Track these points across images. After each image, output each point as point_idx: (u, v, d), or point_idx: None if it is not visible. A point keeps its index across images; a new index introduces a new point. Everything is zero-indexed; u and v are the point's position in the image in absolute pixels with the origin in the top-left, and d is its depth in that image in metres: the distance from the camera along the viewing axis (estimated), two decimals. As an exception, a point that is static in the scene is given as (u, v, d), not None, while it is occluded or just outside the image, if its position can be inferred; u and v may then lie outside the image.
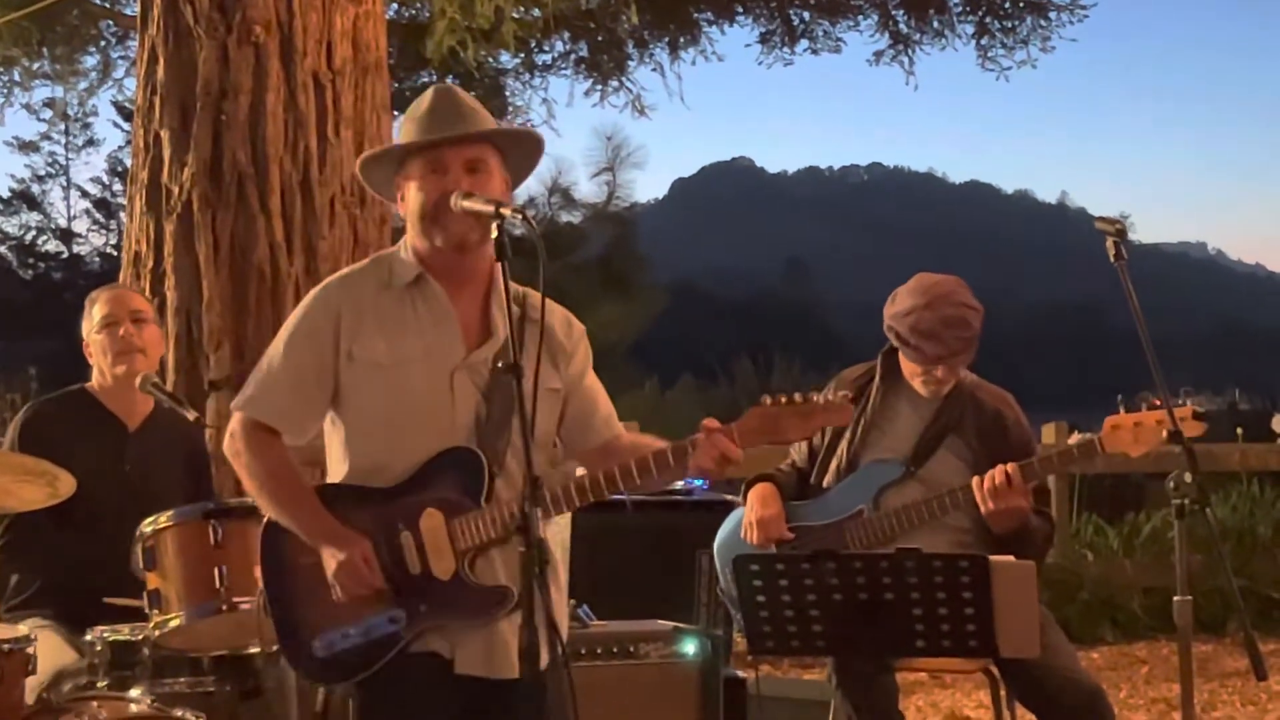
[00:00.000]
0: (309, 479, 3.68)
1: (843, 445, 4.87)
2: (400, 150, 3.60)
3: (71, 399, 5.08)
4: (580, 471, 3.66)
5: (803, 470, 5.00)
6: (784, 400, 3.47)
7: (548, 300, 3.65)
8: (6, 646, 3.96)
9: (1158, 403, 4.29)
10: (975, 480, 4.52)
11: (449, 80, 14.15)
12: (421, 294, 3.58)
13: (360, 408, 3.55)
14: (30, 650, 4.04)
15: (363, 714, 3.56)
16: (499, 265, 3.46)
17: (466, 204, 3.41)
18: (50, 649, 4.41)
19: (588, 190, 19.48)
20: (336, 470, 3.62)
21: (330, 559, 3.45)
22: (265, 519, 3.62)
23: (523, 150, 3.77)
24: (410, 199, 3.56)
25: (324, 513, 3.51)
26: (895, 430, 4.84)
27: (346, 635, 3.49)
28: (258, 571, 3.92)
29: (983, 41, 13.68)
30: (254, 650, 4.44)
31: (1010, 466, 4.49)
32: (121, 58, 13.22)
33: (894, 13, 13.90)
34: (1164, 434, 4.28)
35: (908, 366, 4.82)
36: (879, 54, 13.99)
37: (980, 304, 4.75)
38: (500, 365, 3.42)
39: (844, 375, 5.04)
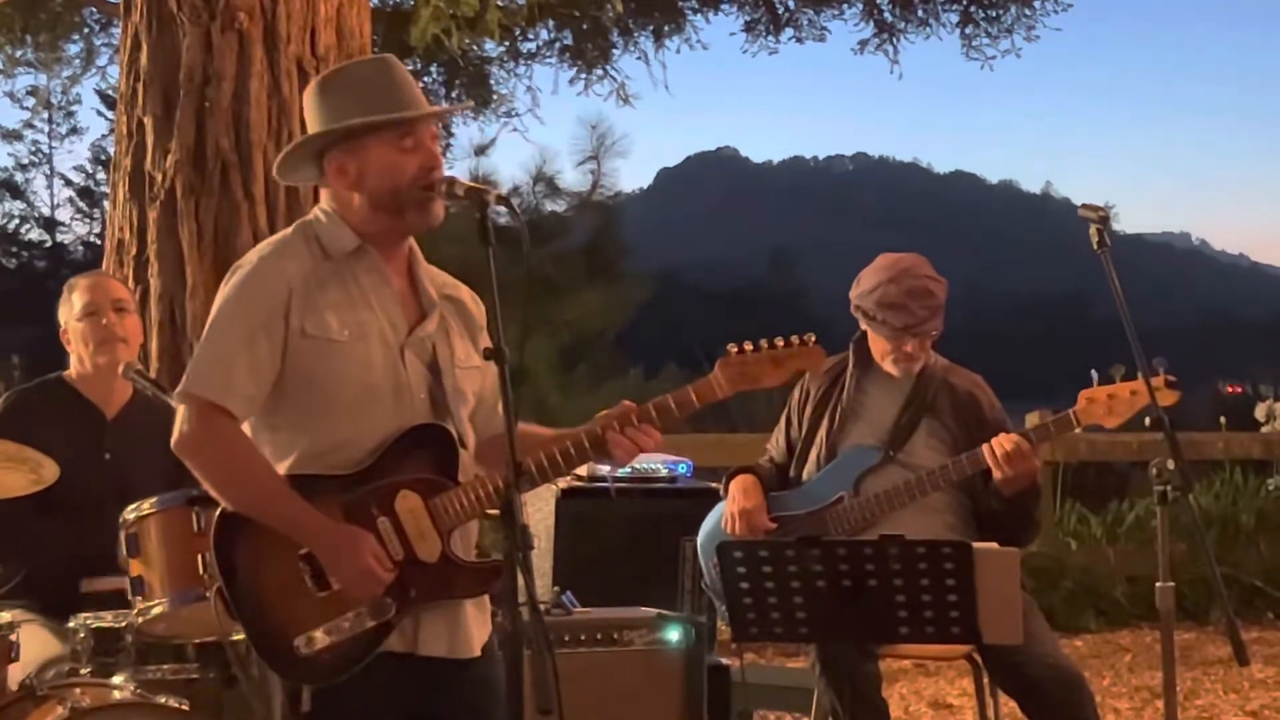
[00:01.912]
0: None
1: (821, 434, 4.90)
2: (380, 122, 3.38)
3: (49, 388, 5.05)
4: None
5: (781, 465, 5.03)
6: (750, 349, 3.48)
7: (453, 279, 3.61)
8: (-11, 633, 3.97)
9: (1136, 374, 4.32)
10: (986, 448, 4.54)
11: (433, 69, 14.15)
12: (362, 266, 3.44)
13: (317, 387, 3.36)
14: (13, 638, 4.04)
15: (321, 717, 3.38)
16: (413, 240, 3.53)
17: (459, 190, 3.34)
18: (36, 642, 4.41)
19: (572, 179, 19.45)
20: (278, 455, 3.40)
21: (338, 567, 3.29)
22: (218, 514, 3.38)
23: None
24: (379, 170, 3.39)
25: (310, 508, 3.30)
26: (872, 416, 4.88)
27: (332, 631, 3.31)
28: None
29: (967, 30, 13.72)
30: (238, 637, 4.43)
31: (1016, 435, 4.53)
32: (105, 45, 13.21)
33: (879, 1, 13.91)
34: (1138, 405, 4.34)
35: (878, 346, 4.85)
36: (864, 43, 14.02)
37: (944, 278, 4.80)
38: (483, 351, 3.36)
39: (816, 367, 5.05)
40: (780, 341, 3.50)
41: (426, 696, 3.43)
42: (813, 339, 3.52)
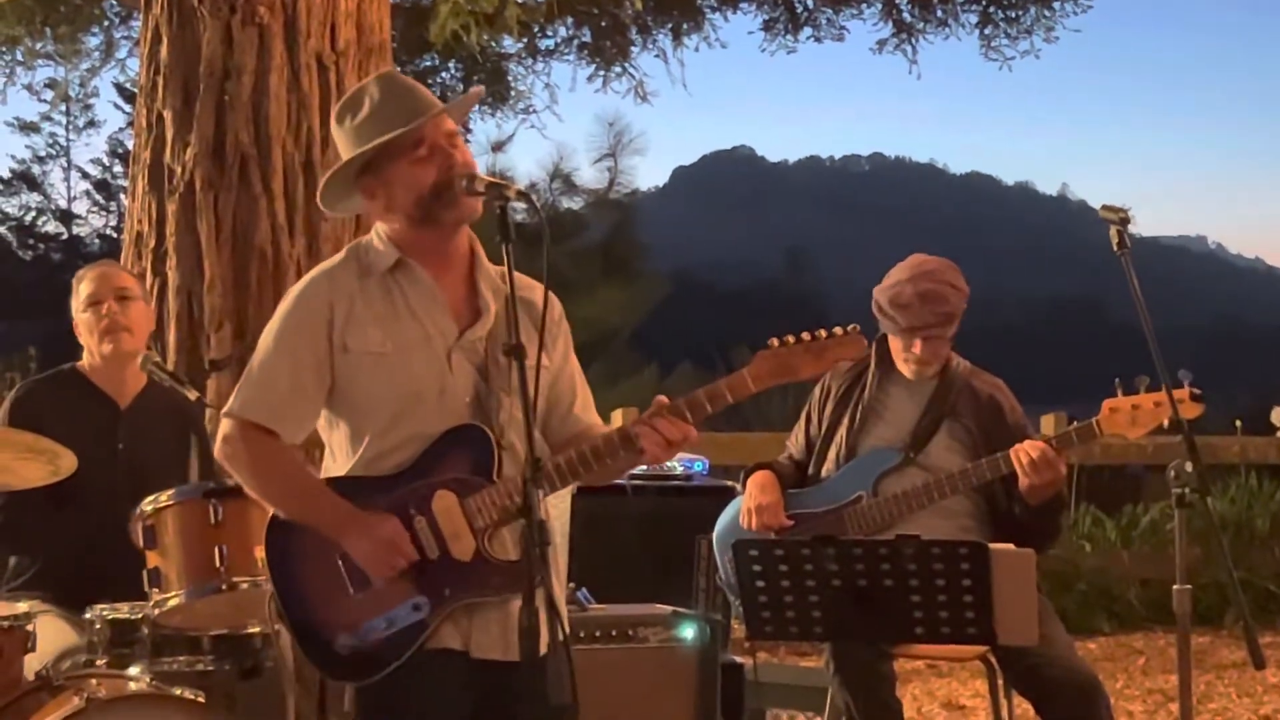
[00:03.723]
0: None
1: (841, 433, 4.90)
2: (383, 143, 3.47)
3: (62, 378, 5.07)
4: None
5: (800, 463, 5.03)
6: (791, 340, 3.45)
7: (528, 279, 3.62)
8: (6, 623, 3.98)
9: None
10: (1013, 454, 4.52)
11: (452, 65, 14.15)
12: (406, 278, 3.53)
13: (363, 399, 3.48)
14: (30, 627, 4.05)
15: (369, 716, 3.48)
16: (477, 243, 3.58)
17: (478, 186, 3.39)
18: (52, 632, 4.42)
19: (589, 176, 19.50)
20: (342, 466, 3.54)
21: (359, 546, 3.39)
22: (269, 520, 3.53)
23: (465, 111, 3.80)
24: (402, 186, 3.49)
25: (341, 501, 3.43)
26: (893, 417, 4.87)
27: (370, 630, 3.40)
28: (258, 551, 3.91)
29: (986, 31, 13.67)
30: (253, 630, 4.45)
31: (1040, 442, 4.52)
32: (125, 38, 13.19)
33: (898, 1, 13.88)
34: (1162, 417, 4.32)
35: (893, 345, 4.87)
36: (882, 43, 13.96)
37: (967, 288, 4.80)
38: (503, 348, 3.40)
39: (839, 365, 5.06)
40: (823, 332, 3.47)
41: (483, 698, 3.47)
42: (856, 329, 3.50)
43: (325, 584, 3.44)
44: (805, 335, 3.46)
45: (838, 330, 3.48)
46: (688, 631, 4.96)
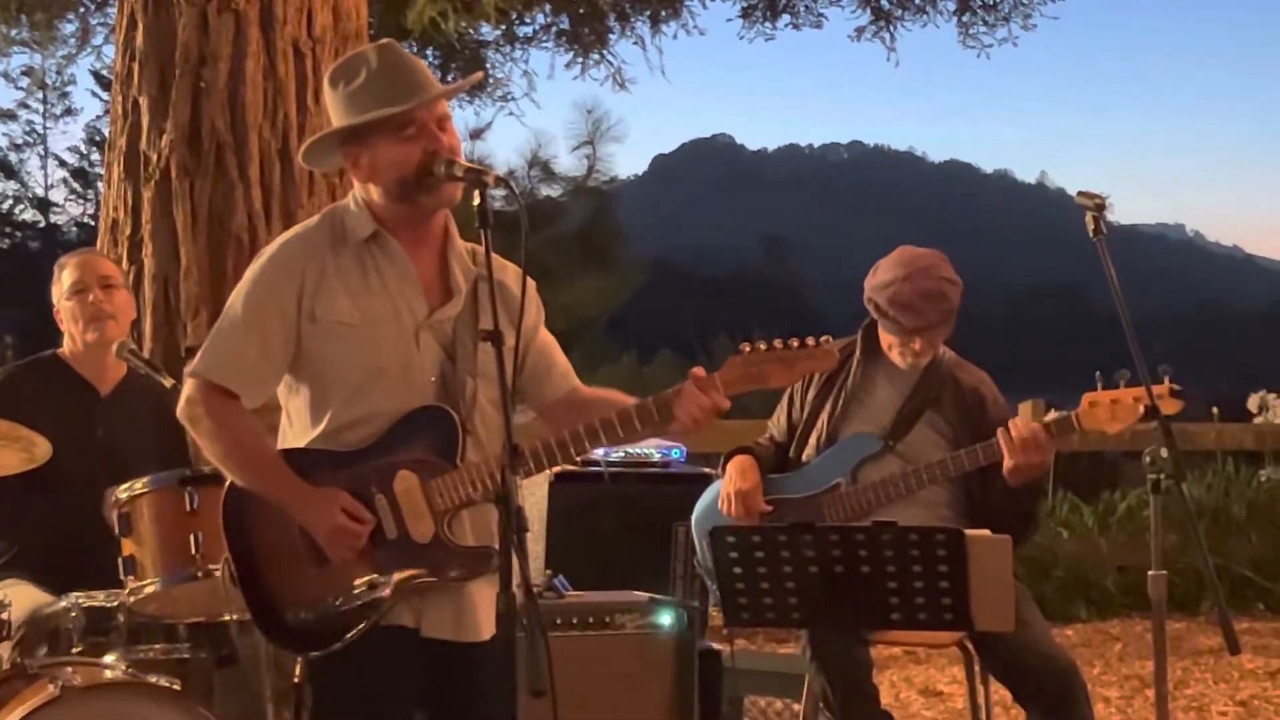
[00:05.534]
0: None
1: (822, 418, 4.89)
2: (377, 119, 3.44)
3: (42, 365, 5.06)
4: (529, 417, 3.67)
5: (781, 445, 5.02)
6: (763, 348, 3.43)
7: (496, 256, 3.61)
8: (-19, 611, 3.97)
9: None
10: (1001, 432, 4.50)
11: (429, 52, 14.12)
12: (381, 250, 3.51)
13: (327, 369, 3.46)
14: (4, 616, 4.04)
15: (321, 690, 3.49)
16: (452, 222, 3.57)
17: (457, 171, 3.38)
18: (25, 596, 4.43)
19: (567, 164, 19.45)
20: (299, 435, 3.53)
21: (320, 525, 3.38)
22: (225, 487, 3.52)
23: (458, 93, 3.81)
24: (386, 164, 3.46)
25: (293, 476, 3.41)
26: (874, 404, 4.86)
27: (322, 603, 3.40)
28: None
29: (964, 19, 13.66)
30: (229, 617, 4.44)
31: (1037, 425, 4.49)
32: (100, 25, 13.14)
33: (876, -12, 13.86)
34: (1141, 411, 4.31)
35: (885, 337, 4.84)
36: (860, 30, 13.94)
37: (960, 279, 4.77)
38: (480, 334, 3.39)
39: None
40: (795, 342, 3.44)
41: (432, 677, 3.48)
42: (829, 340, 3.47)
43: (280, 556, 3.45)
44: (777, 343, 3.44)
45: (810, 341, 3.44)
46: (665, 618, 4.96)
